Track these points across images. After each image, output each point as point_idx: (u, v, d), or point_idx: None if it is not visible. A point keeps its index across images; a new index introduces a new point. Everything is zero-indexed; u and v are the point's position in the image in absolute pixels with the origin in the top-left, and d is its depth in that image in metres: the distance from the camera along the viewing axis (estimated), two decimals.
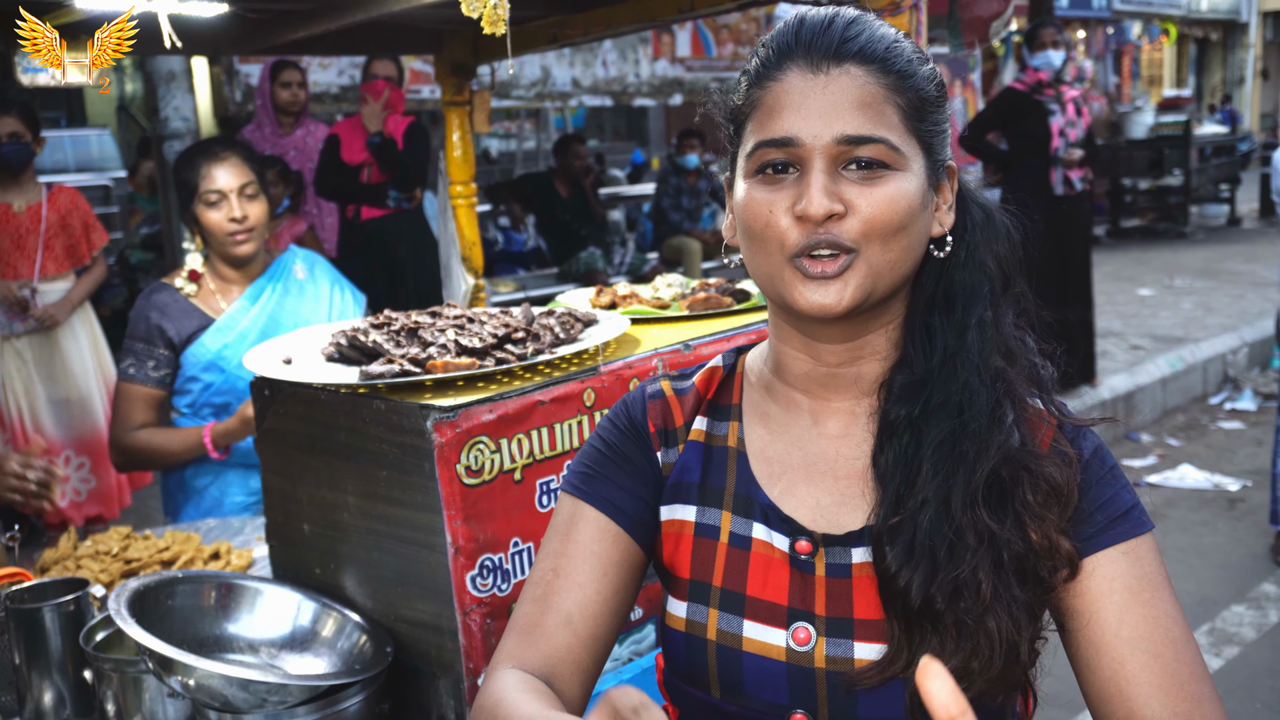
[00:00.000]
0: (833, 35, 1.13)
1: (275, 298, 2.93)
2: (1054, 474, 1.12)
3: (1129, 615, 1.12)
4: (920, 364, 1.17)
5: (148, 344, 2.84)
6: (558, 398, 1.77)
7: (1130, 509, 1.15)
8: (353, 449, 1.79)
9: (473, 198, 3.24)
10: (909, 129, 1.13)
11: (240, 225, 2.81)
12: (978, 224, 1.22)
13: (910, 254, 1.15)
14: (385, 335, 1.90)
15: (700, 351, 1.99)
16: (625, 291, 2.39)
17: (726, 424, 1.29)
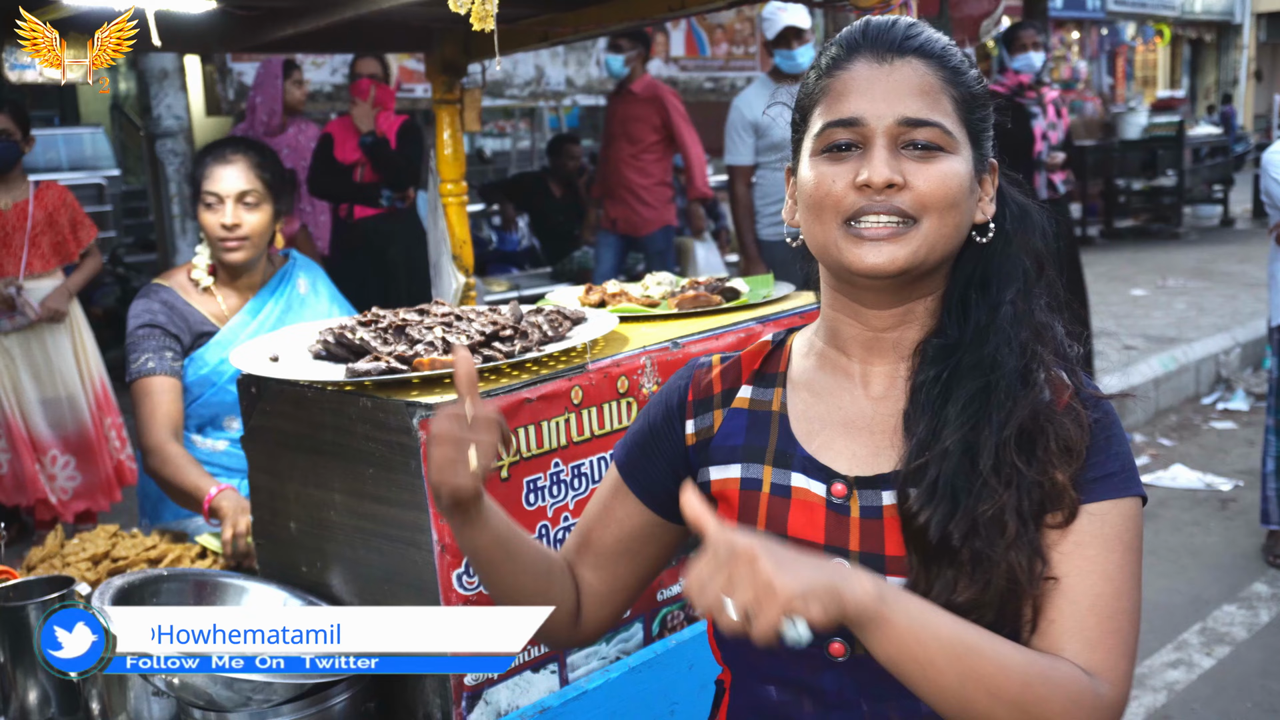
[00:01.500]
0: (897, 32, 1.27)
1: (277, 313, 2.88)
2: (1070, 430, 1.23)
3: (1095, 567, 1.22)
4: (954, 332, 1.29)
5: (162, 335, 2.75)
6: (545, 395, 1.77)
7: (1121, 470, 1.25)
8: (339, 447, 1.78)
9: (463, 196, 3.23)
10: (961, 119, 1.26)
11: (230, 233, 2.73)
12: (1015, 217, 1.34)
13: (959, 231, 1.27)
14: (372, 332, 1.90)
15: (689, 350, 1.99)
16: (615, 290, 2.39)
17: (771, 390, 1.40)
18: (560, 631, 1.46)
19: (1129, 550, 1.23)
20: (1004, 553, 1.19)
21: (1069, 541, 1.23)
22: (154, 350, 2.72)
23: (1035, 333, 1.29)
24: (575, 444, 1.81)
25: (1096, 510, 1.23)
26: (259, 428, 1.96)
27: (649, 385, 1.92)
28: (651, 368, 1.93)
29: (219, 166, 2.75)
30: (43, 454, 4.55)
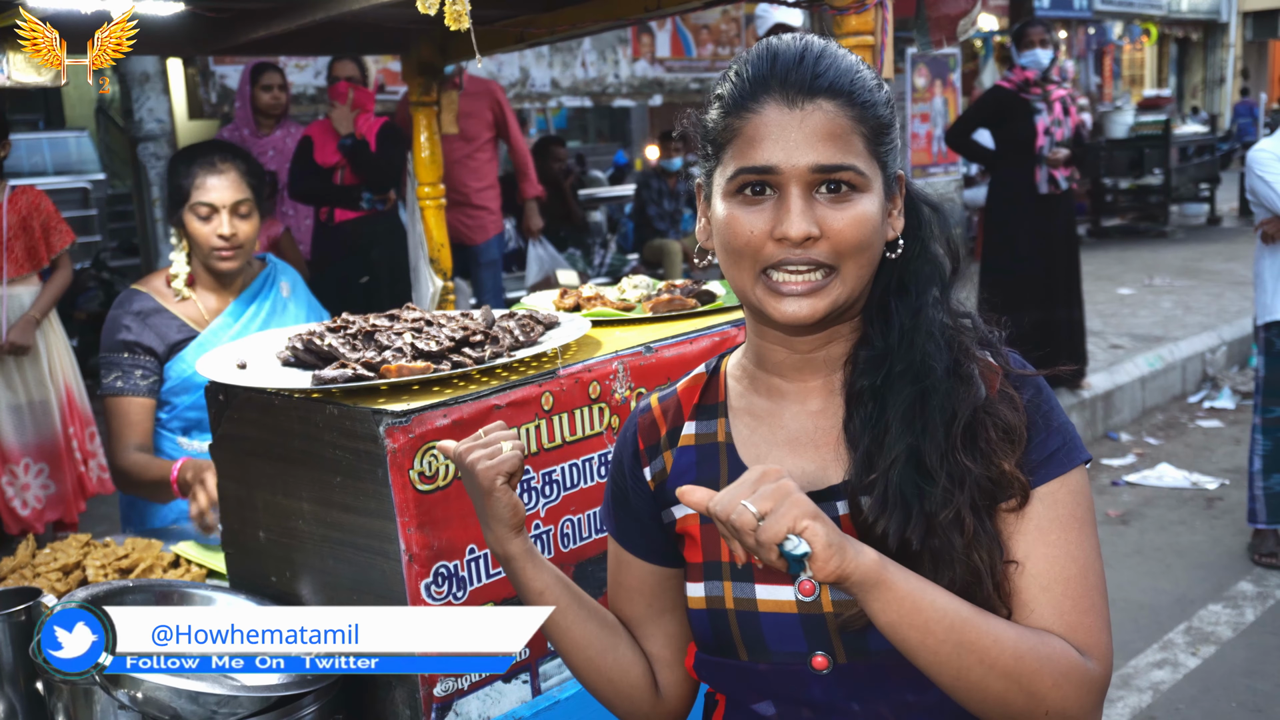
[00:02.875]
0: (805, 70, 1.25)
1: (262, 315, 2.86)
2: (1007, 415, 1.26)
3: (1059, 550, 1.25)
4: (880, 341, 1.31)
5: (132, 353, 2.74)
6: (515, 402, 1.75)
7: (1063, 445, 1.28)
8: (307, 455, 1.75)
9: (441, 199, 3.20)
10: (870, 152, 1.26)
11: (227, 243, 2.72)
12: (928, 220, 1.37)
13: (873, 262, 1.29)
14: (341, 339, 1.87)
15: (661, 354, 1.97)
16: (590, 293, 2.37)
17: (715, 421, 1.42)
18: (643, 706, 1.47)
19: (1084, 525, 1.27)
20: (964, 550, 1.22)
21: (1029, 526, 1.26)
22: (125, 369, 2.74)
23: (957, 325, 1.32)
24: (546, 450, 1.79)
25: (1048, 492, 1.26)
26: (227, 435, 1.93)
27: (621, 390, 1.90)
28: (624, 372, 1.90)
29: (211, 176, 2.73)
30: (14, 463, 4.49)
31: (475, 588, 1.70)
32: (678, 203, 9.24)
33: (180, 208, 2.74)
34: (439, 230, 3.22)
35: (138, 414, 2.73)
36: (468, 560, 1.69)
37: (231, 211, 2.73)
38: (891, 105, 1.31)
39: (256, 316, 2.83)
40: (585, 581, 1.85)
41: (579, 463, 1.84)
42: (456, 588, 1.68)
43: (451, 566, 1.67)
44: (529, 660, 1.78)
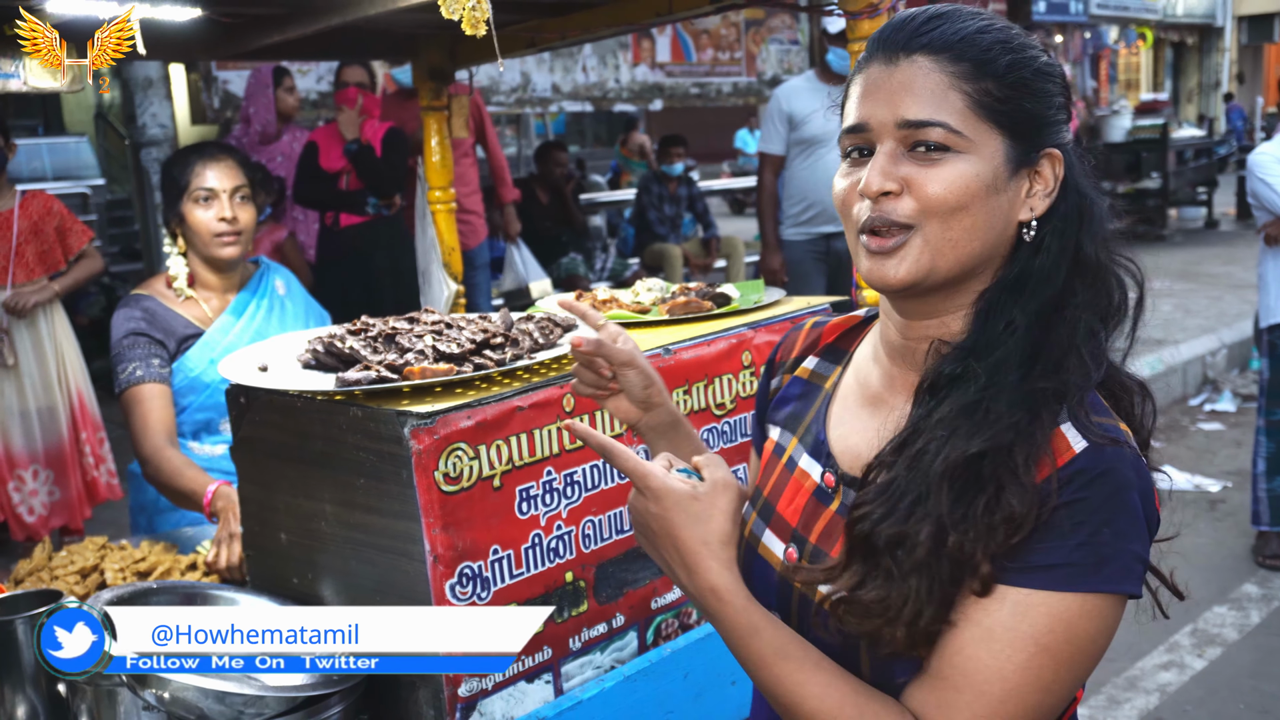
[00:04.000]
0: (909, 29, 1.20)
1: (261, 314, 2.88)
2: (1015, 504, 1.08)
3: (992, 663, 1.10)
4: (972, 336, 1.19)
5: (147, 343, 2.74)
6: (537, 403, 1.76)
7: (1078, 564, 1.08)
8: (329, 457, 1.76)
9: (451, 203, 3.22)
10: (979, 114, 1.17)
11: (230, 226, 2.76)
12: (1069, 212, 1.21)
13: (976, 235, 1.18)
14: (362, 341, 1.88)
15: (680, 356, 1.98)
16: (605, 296, 2.38)
17: (834, 366, 1.42)
18: None
19: (1047, 656, 1.08)
20: (907, 573, 1.11)
21: (982, 617, 1.11)
22: (140, 359, 2.72)
23: (1055, 360, 1.14)
24: (568, 452, 1.80)
25: (1022, 598, 1.09)
26: (248, 438, 1.94)
27: None
28: None
29: (211, 162, 2.78)
30: (21, 469, 4.49)
31: (499, 588, 1.71)
32: (678, 207, 9.25)
33: (179, 200, 2.77)
34: (450, 234, 3.23)
35: (162, 400, 2.70)
36: (492, 560, 1.70)
37: (231, 196, 2.76)
38: (1037, 70, 1.20)
39: (256, 314, 2.85)
40: (608, 581, 1.86)
41: (600, 464, 1.85)
42: (481, 588, 1.68)
43: (475, 567, 1.68)
44: (551, 660, 1.79)
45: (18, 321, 4.46)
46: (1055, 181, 1.21)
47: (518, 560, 1.73)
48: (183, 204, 2.78)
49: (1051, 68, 1.22)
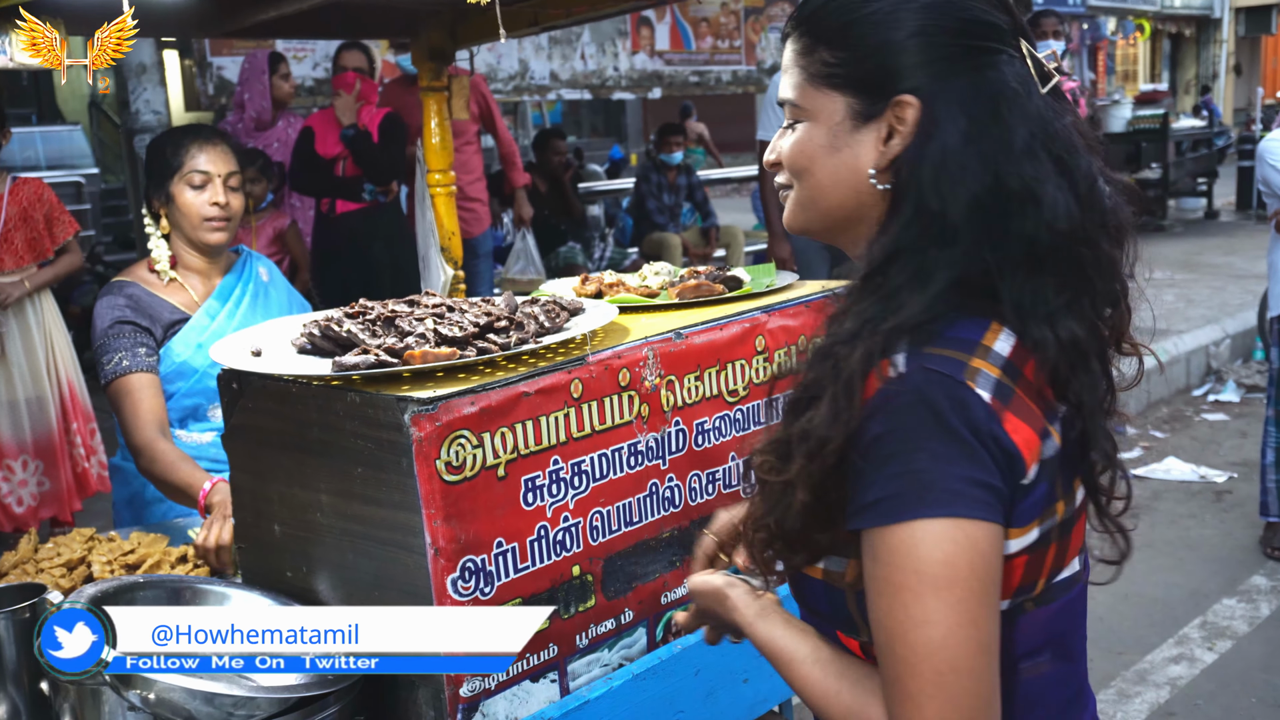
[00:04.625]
0: (793, 13, 1.33)
1: (246, 300, 2.81)
2: (818, 424, 1.16)
3: (872, 599, 1.15)
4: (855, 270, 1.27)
5: (133, 331, 2.66)
6: (544, 389, 1.67)
7: (894, 495, 1.11)
8: (325, 445, 1.68)
9: (451, 187, 3.13)
10: (815, 84, 1.26)
11: (222, 212, 2.68)
12: (917, 158, 1.19)
13: (826, 189, 1.28)
14: (360, 325, 1.80)
15: (692, 340, 1.90)
16: (612, 279, 2.30)
17: None
18: None
19: (903, 591, 1.10)
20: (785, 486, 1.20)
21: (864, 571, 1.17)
22: (127, 348, 2.63)
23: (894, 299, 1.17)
24: (575, 440, 1.72)
25: (867, 542, 1.14)
26: (240, 425, 1.86)
27: (651, 378, 1.83)
28: (654, 359, 1.83)
29: (206, 145, 2.70)
30: (10, 459, 4.40)
31: (503, 582, 1.63)
32: (677, 196, 9.17)
33: (167, 182, 2.68)
34: (449, 218, 3.14)
35: (152, 390, 2.61)
36: (495, 554, 1.62)
37: (225, 182, 2.69)
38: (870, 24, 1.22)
39: (242, 300, 2.78)
40: (616, 575, 1.78)
41: (608, 453, 1.77)
42: (484, 583, 1.60)
43: (479, 560, 1.60)
44: (557, 658, 1.71)
45: (4, 312, 4.38)
46: (912, 126, 1.20)
47: (523, 553, 1.65)
48: (172, 184, 2.70)
49: (897, 15, 1.21)
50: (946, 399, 1.10)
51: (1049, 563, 1.21)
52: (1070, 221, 1.17)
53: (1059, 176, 1.18)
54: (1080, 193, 1.20)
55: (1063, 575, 1.24)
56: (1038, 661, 1.24)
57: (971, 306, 1.18)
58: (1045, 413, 1.17)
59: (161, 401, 2.62)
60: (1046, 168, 1.18)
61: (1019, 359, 1.16)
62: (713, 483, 1.94)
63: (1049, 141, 1.20)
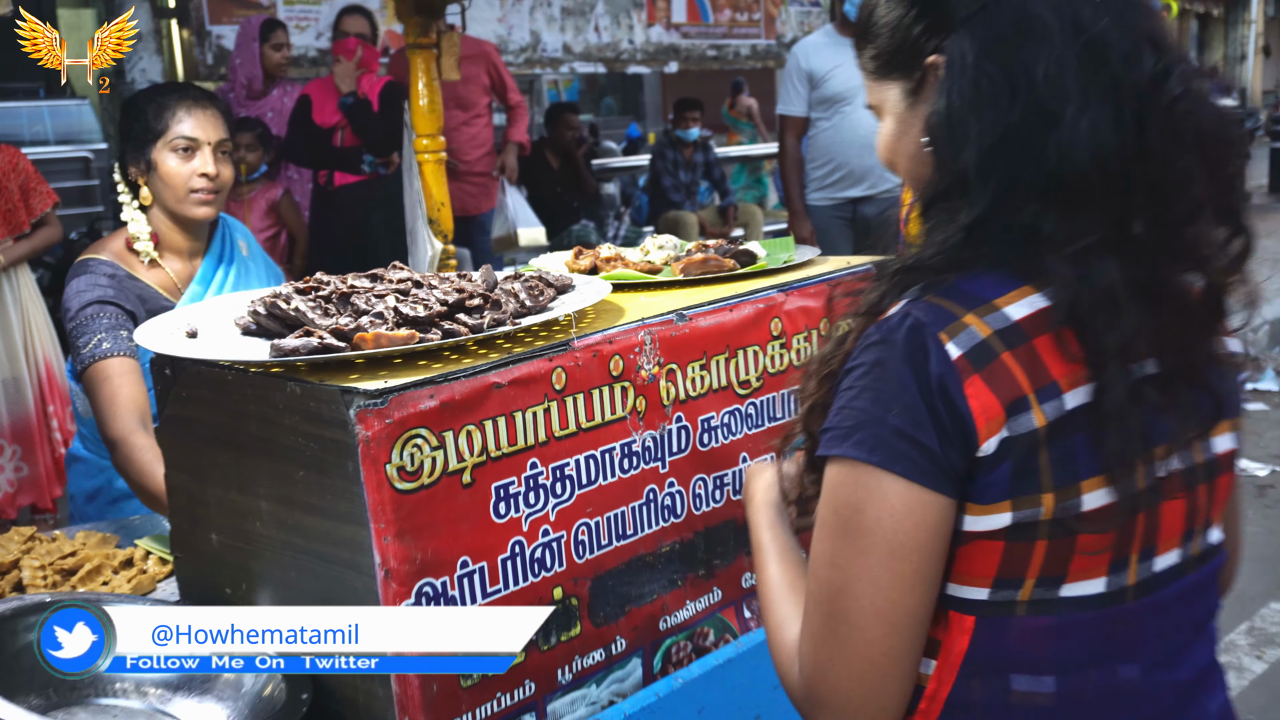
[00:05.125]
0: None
1: (230, 281, 2.52)
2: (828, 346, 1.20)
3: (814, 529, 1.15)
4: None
5: (115, 313, 2.36)
6: (519, 379, 1.41)
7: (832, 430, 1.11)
8: (265, 442, 1.43)
9: (441, 152, 2.86)
10: (877, 79, 1.27)
11: (210, 183, 2.41)
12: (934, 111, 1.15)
13: (913, 166, 1.25)
14: (310, 302, 1.55)
15: (696, 323, 1.64)
16: (609, 254, 2.04)
17: None
18: None
19: (825, 528, 1.11)
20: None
21: None
22: (106, 329, 2.33)
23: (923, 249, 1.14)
24: (557, 439, 1.46)
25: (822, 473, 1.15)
26: (174, 417, 1.61)
27: (649, 366, 1.57)
28: (652, 344, 1.57)
29: (195, 108, 2.42)
30: None
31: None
32: (694, 174, 8.88)
33: (148, 147, 2.41)
34: (439, 188, 2.88)
35: (134, 376, 2.31)
36: (459, 575, 1.37)
37: (215, 150, 2.42)
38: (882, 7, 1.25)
39: (225, 281, 2.51)
40: (605, 598, 1.53)
41: (597, 454, 1.51)
42: None
43: (439, 585, 1.35)
44: (535, 697, 1.46)
45: None
46: (938, 84, 1.16)
47: (493, 574, 1.40)
48: (154, 150, 2.42)
49: None
50: (907, 346, 1.06)
51: (1037, 562, 1.09)
52: (1101, 147, 1.06)
53: (1097, 97, 1.07)
54: (1133, 108, 1.07)
55: (1076, 588, 1.10)
56: (1037, 683, 1.11)
57: (1014, 265, 1.10)
58: (1038, 387, 1.06)
59: (144, 390, 2.32)
60: (1076, 93, 1.07)
61: (1034, 326, 1.07)
62: (720, 488, 1.68)
63: (1089, 59, 1.08)
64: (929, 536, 1.06)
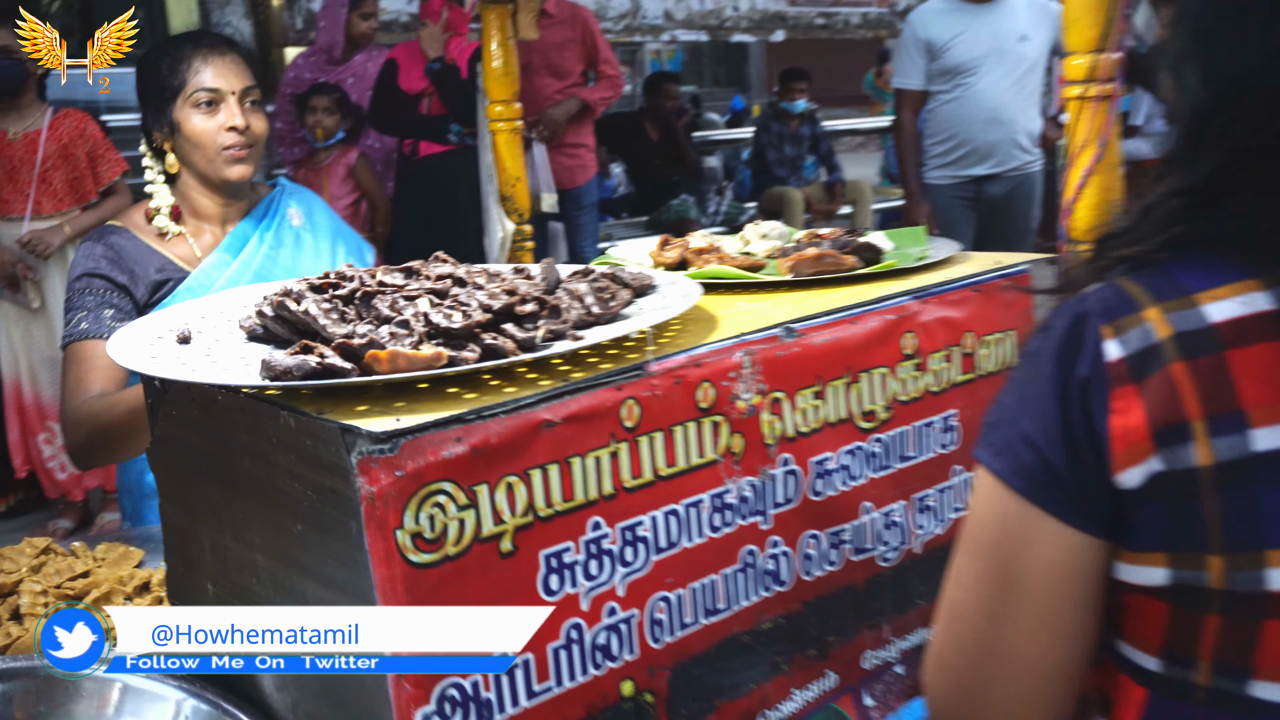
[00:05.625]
0: None
1: (264, 250, 2.25)
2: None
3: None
4: None
5: (103, 288, 2.13)
6: (578, 415, 1.09)
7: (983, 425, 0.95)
8: (259, 482, 1.13)
9: (516, 121, 2.53)
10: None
11: (241, 137, 2.15)
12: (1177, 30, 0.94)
13: None
14: (326, 303, 1.24)
15: (809, 340, 1.29)
16: (701, 244, 1.70)
17: None
18: None
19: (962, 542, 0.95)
20: None
21: None
22: (91, 308, 2.10)
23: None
24: (627, 491, 1.13)
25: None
26: (165, 439, 1.32)
27: (748, 395, 1.23)
28: (753, 368, 1.23)
29: (212, 56, 2.16)
30: (53, 420, 4.01)
31: (509, 715, 1.06)
32: (800, 148, 8.45)
33: (168, 107, 2.15)
34: (513, 160, 2.55)
35: (102, 363, 2.04)
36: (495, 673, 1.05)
37: (241, 100, 2.15)
38: None
39: (259, 249, 2.22)
40: (690, 691, 1.20)
41: (680, 509, 1.18)
42: (476, 718, 1.03)
43: (468, 685, 1.03)
44: None
45: (44, 262, 3.95)
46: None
47: (541, 668, 1.08)
48: (175, 109, 2.16)
49: None
50: (1065, 338, 0.89)
51: (1209, 641, 0.85)
52: None
53: None
54: None
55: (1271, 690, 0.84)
56: None
57: (1246, 250, 0.86)
58: (1213, 414, 0.82)
59: (117, 378, 2.06)
60: None
61: (1239, 333, 0.83)
62: (837, 546, 1.34)
63: None
64: (1058, 573, 0.88)
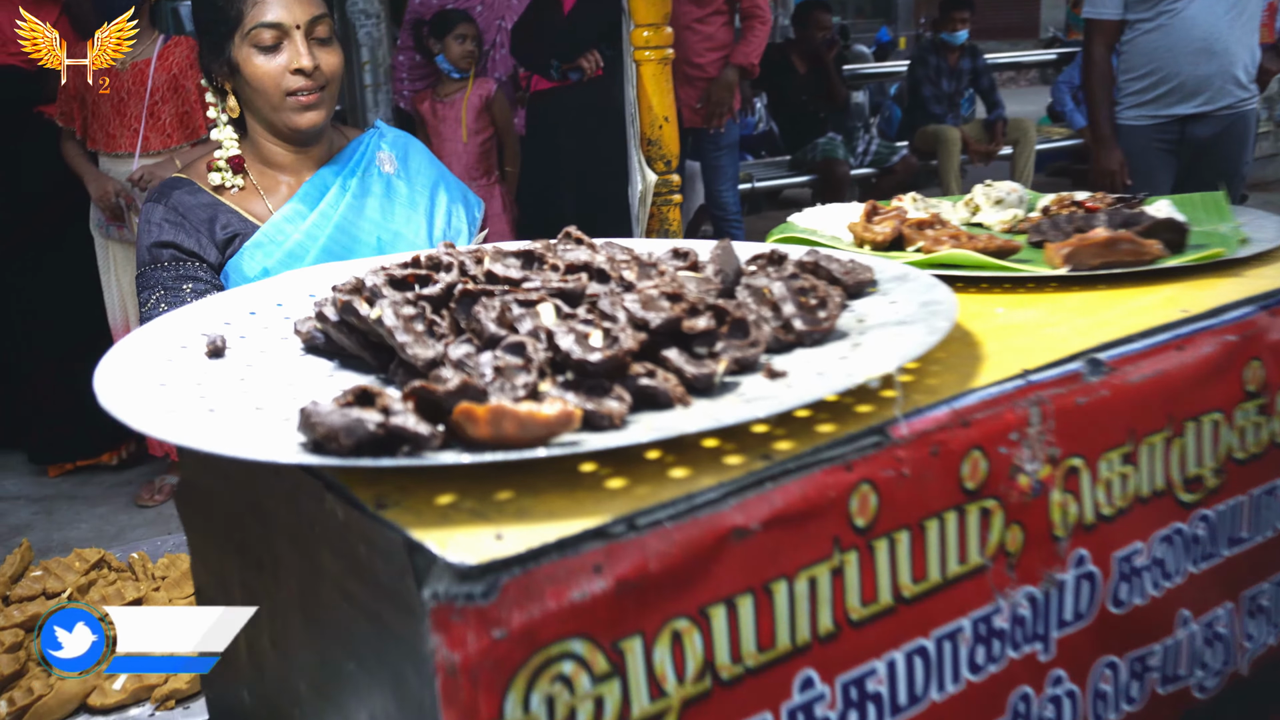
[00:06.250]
0: None
1: (347, 200, 1.89)
2: None
3: None
4: None
5: (174, 260, 1.84)
6: (784, 515, 0.68)
7: None
8: (300, 581, 0.76)
9: (667, 49, 2.10)
10: None
11: (308, 80, 1.81)
12: None
13: None
14: (410, 307, 0.85)
15: (1125, 376, 0.86)
16: (920, 213, 1.27)
17: None
18: None
19: None
20: None
21: None
22: (168, 285, 1.80)
23: None
24: (853, 626, 0.73)
25: None
26: (190, 486, 0.96)
27: (1033, 465, 0.81)
28: (1042, 426, 0.81)
29: None
30: None
31: None
32: (958, 83, 7.81)
33: (226, 43, 1.81)
34: (660, 98, 2.12)
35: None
36: None
37: (307, 34, 1.80)
38: None
39: (340, 201, 1.87)
40: None
41: (929, 645, 0.77)
42: None
43: None
44: None
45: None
46: None
47: None
48: (234, 48, 1.82)
49: None
50: None
51: None
52: None
53: None
54: None
55: None
56: None
57: None
58: None
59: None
60: None
61: None
62: (1140, 677, 0.91)
63: None
64: None
